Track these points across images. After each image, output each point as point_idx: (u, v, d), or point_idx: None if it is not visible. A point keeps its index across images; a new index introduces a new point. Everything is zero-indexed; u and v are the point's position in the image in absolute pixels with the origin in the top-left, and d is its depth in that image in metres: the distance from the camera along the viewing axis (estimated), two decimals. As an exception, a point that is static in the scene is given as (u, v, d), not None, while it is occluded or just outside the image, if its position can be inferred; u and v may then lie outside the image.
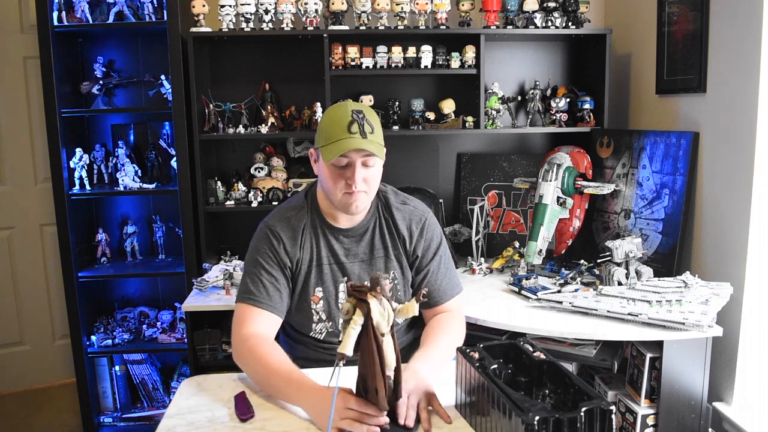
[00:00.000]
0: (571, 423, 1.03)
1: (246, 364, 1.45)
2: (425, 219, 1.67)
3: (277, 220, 1.61)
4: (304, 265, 1.59)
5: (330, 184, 1.52)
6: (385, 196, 1.67)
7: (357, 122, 1.45)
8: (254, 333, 1.49)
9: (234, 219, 2.88)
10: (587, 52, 2.78)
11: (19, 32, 2.92)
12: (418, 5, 2.54)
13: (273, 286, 1.55)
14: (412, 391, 1.27)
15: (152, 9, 2.60)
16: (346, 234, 1.62)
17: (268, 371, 1.39)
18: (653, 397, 1.89)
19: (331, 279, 1.61)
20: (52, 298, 3.11)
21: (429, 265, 1.65)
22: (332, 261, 1.62)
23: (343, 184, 1.49)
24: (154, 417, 2.83)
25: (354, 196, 1.50)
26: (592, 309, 1.95)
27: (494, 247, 2.78)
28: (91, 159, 2.74)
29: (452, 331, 1.58)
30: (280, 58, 2.80)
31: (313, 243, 1.61)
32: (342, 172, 1.49)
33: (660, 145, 2.32)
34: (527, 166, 2.82)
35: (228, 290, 2.39)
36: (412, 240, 1.65)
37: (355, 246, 1.63)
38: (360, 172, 1.48)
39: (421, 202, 1.73)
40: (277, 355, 1.43)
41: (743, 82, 1.94)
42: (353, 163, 1.48)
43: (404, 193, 1.73)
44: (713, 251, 2.12)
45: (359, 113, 1.46)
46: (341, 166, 1.49)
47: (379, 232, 1.64)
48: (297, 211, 1.62)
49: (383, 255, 1.64)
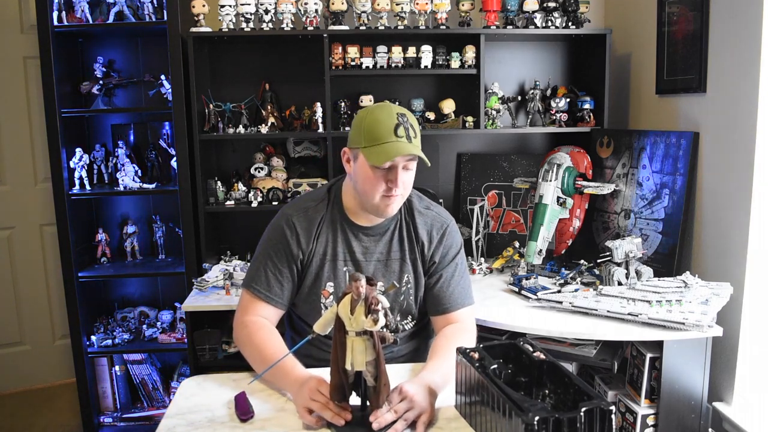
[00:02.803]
0: (571, 423, 1.03)
1: (243, 348, 1.55)
2: (447, 226, 1.66)
3: (296, 210, 1.62)
4: (317, 257, 1.60)
5: (368, 186, 1.50)
6: (409, 200, 1.65)
7: (403, 125, 1.45)
8: (254, 319, 1.57)
9: (234, 219, 2.88)
10: (587, 52, 2.78)
11: (19, 32, 2.92)
12: (418, 5, 2.54)
13: (276, 279, 1.58)
14: (411, 398, 1.25)
15: (152, 9, 2.59)
16: (366, 232, 1.62)
17: (263, 357, 1.46)
18: (653, 397, 1.89)
19: (344, 276, 1.61)
20: (52, 298, 3.11)
21: (443, 271, 1.63)
22: (348, 258, 1.61)
23: (384, 187, 1.49)
24: (154, 417, 2.83)
25: (392, 199, 1.51)
26: (592, 309, 1.95)
27: (494, 247, 2.78)
28: (91, 159, 2.74)
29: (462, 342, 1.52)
30: (280, 58, 2.80)
31: (329, 237, 1.61)
32: (384, 174, 1.48)
33: (660, 145, 2.32)
34: (527, 166, 2.82)
35: (228, 290, 2.39)
36: (431, 246, 1.64)
37: (374, 245, 1.62)
38: (402, 176, 1.49)
39: (444, 210, 1.72)
40: (272, 343, 1.50)
41: (743, 82, 1.94)
42: (396, 166, 1.47)
43: (429, 199, 1.72)
44: (713, 251, 2.12)
45: (404, 117, 1.47)
46: (384, 168, 1.47)
47: (398, 235, 1.64)
48: (317, 203, 1.63)
49: (399, 257, 1.63)
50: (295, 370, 1.40)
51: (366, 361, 1.20)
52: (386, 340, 1.22)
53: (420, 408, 1.25)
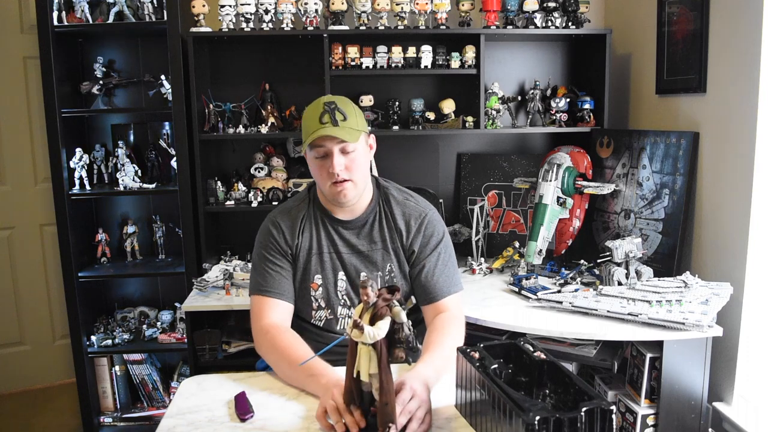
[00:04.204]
0: (571, 423, 1.03)
1: (268, 356, 1.54)
2: (425, 215, 1.69)
3: (279, 212, 1.70)
4: (303, 252, 1.66)
5: (317, 177, 1.60)
6: (387, 191, 1.71)
7: (328, 113, 1.52)
8: (272, 324, 1.57)
9: (234, 219, 2.88)
10: (587, 52, 2.78)
11: (19, 32, 2.92)
12: (418, 5, 2.54)
13: (279, 275, 1.63)
14: (420, 396, 1.24)
15: (152, 9, 2.59)
16: (345, 226, 1.67)
17: (290, 362, 1.45)
18: (653, 397, 1.89)
19: (330, 267, 1.66)
20: (52, 298, 3.11)
21: (425, 261, 1.66)
22: (332, 250, 1.67)
23: (327, 174, 1.55)
24: (154, 417, 2.83)
25: (340, 186, 1.56)
26: (592, 309, 1.95)
27: (494, 247, 2.78)
28: (91, 159, 2.74)
29: (452, 333, 1.56)
30: (280, 58, 2.80)
31: (313, 232, 1.67)
32: (323, 163, 1.56)
33: (660, 145, 2.32)
34: (527, 166, 2.82)
35: (228, 290, 2.39)
36: (409, 235, 1.67)
37: (354, 238, 1.67)
38: (339, 159, 1.54)
39: (425, 200, 1.75)
40: (297, 346, 1.49)
41: (743, 82, 1.94)
42: (330, 152, 1.54)
43: (408, 191, 1.76)
44: (713, 251, 2.12)
45: (330, 104, 1.53)
46: (320, 157, 1.56)
47: (378, 225, 1.68)
48: (299, 203, 1.71)
49: (381, 248, 1.67)
50: (326, 372, 1.37)
51: (370, 373, 1.13)
52: (397, 358, 1.13)
53: (426, 406, 1.25)
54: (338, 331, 1.67)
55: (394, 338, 1.12)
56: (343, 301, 1.67)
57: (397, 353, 1.13)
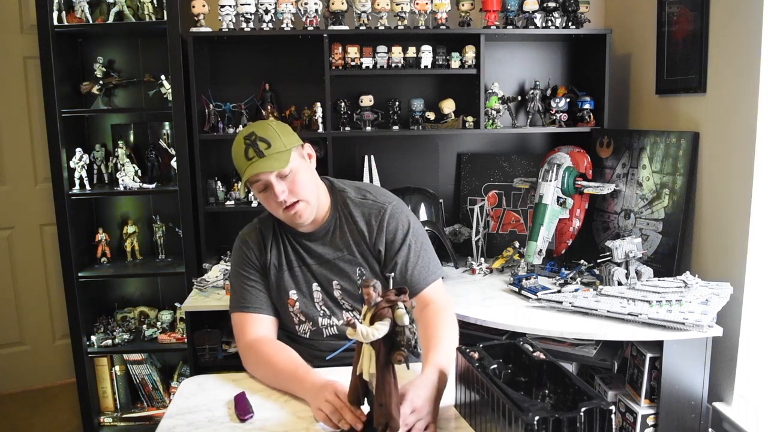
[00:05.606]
0: (571, 423, 1.03)
1: (255, 370, 1.51)
2: (384, 211, 1.61)
3: (247, 230, 1.69)
4: (273, 268, 1.63)
5: (268, 208, 1.58)
6: (343, 195, 1.64)
7: (251, 146, 1.48)
8: (255, 338, 1.55)
9: (234, 219, 2.87)
10: (587, 52, 2.78)
11: (19, 32, 2.92)
12: (418, 5, 2.54)
13: (256, 290, 1.61)
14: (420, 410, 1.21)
15: (152, 9, 2.59)
16: (309, 238, 1.63)
17: (276, 372, 1.45)
18: (653, 397, 1.89)
19: (303, 281, 1.63)
20: (52, 298, 3.11)
21: (396, 257, 1.59)
22: (301, 264, 1.64)
23: (275, 203, 1.52)
24: (154, 417, 2.83)
25: (292, 209, 1.52)
26: (592, 309, 1.95)
27: (494, 247, 2.78)
28: (91, 159, 2.74)
29: (446, 324, 1.52)
30: (280, 58, 2.80)
31: (281, 248, 1.64)
32: (267, 195, 1.52)
33: (660, 145, 2.32)
34: (527, 166, 2.82)
35: (228, 290, 2.39)
36: (371, 235, 1.61)
37: (320, 247, 1.63)
38: (280, 187, 1.49)
39: (384, 194, 1.68)
40: (281, 354, 1.49)
41: (743, 82, 1.94)
42: (269, 182, 1.49)
43: (367, 188, 1.69)
44: (713, 251, 2.12)
45: (250, 136, 1.49)
46: (262, 190, 1.52)
47: (340, 231, 1.62)
48: (264, 221, 1.68)
49: (347, 253, 1.62)
50: (308, 377, 1.38)
51: (370, 373, 1.13)
52: (395, 361, 1.11)
53: (427, 419, 1.22)
54: (326, 340, 1.63)
55: (395, 340, 1.10)
56: (322, 312, 1.62)
57: (396, 356, 1.10)
